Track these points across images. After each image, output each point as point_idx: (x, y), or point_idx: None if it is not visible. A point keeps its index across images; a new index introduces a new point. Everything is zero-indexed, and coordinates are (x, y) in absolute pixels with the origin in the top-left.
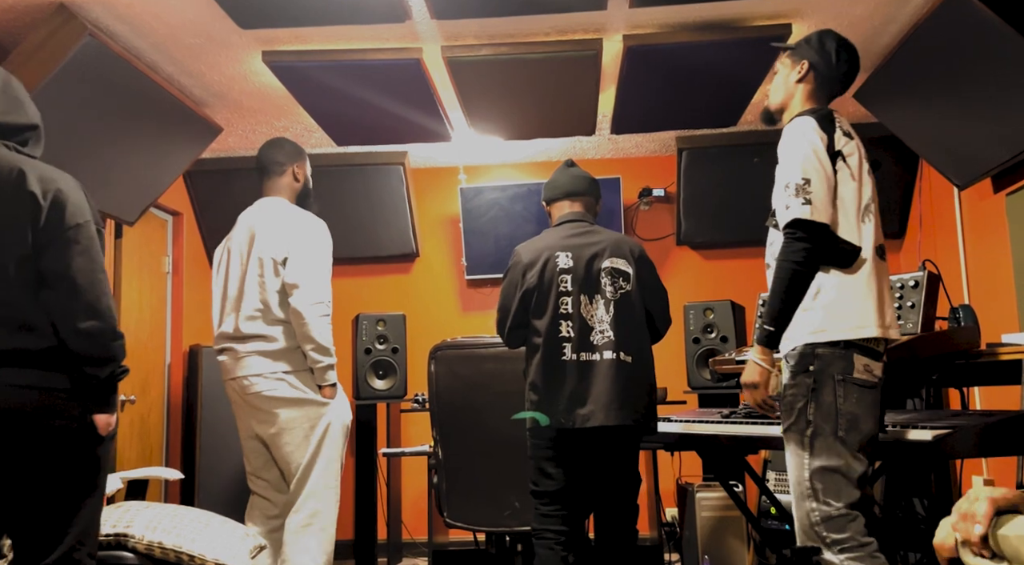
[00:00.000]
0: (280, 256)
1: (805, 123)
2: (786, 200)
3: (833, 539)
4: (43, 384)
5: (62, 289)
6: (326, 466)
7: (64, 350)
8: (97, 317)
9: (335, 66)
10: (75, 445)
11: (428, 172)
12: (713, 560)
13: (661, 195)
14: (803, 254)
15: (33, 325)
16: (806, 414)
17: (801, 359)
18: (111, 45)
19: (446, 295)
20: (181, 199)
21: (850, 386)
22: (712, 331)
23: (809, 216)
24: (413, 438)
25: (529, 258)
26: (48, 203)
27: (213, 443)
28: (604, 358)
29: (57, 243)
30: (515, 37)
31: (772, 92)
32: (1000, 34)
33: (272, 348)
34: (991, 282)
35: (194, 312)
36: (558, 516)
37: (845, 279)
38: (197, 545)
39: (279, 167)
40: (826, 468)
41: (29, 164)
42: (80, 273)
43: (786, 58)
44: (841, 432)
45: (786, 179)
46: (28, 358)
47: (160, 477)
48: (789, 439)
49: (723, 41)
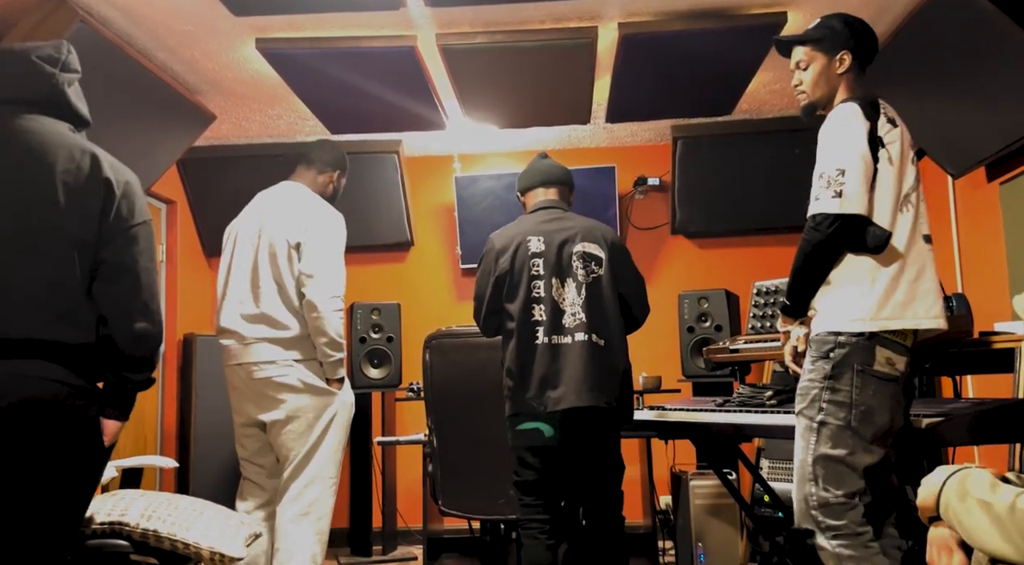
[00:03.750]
0: (294, 240)
1: (849, 109)
2: (816, 191)
3: (828, 525)
4: (67, 380)
5: (124, 284)
6: (328, 456)
7: (98, 349)
8: (150, 319)
9: (329, 53)
10: (83, 452)
11: (423, 160)
12: (706, 548)
13: (656, 184)
14: (820, 244)
15: (75, 316)
16: (819, 400)
17: (823, 345)
18: (103, 31)
19: (441, 284)
20: (175, 187)
21: (868, 378)
22: (706, 320)
23: (837, 210)
24: (408, 427)
25: (501, 244)
26: (120, 193)
27: (207, 432)
28: (576, 340)
29: (124, 237)
30: (510, 25)
31: (812, 87)
32: (995, 23)
33: (282, 335)
34: (984, 271)
35: (188, 301)
36: (539, 505)
37: (877, 269)
38: (192, 533)
39: (322, 165)
40: (830, 456)
41: (100, 151)
42: (144, 272)
43: (811, 50)
44: (854, 423)
45: (821, 168)
46: (61, 353)
47: (155, 465)
48: (799, 421)
49: (718, 29)
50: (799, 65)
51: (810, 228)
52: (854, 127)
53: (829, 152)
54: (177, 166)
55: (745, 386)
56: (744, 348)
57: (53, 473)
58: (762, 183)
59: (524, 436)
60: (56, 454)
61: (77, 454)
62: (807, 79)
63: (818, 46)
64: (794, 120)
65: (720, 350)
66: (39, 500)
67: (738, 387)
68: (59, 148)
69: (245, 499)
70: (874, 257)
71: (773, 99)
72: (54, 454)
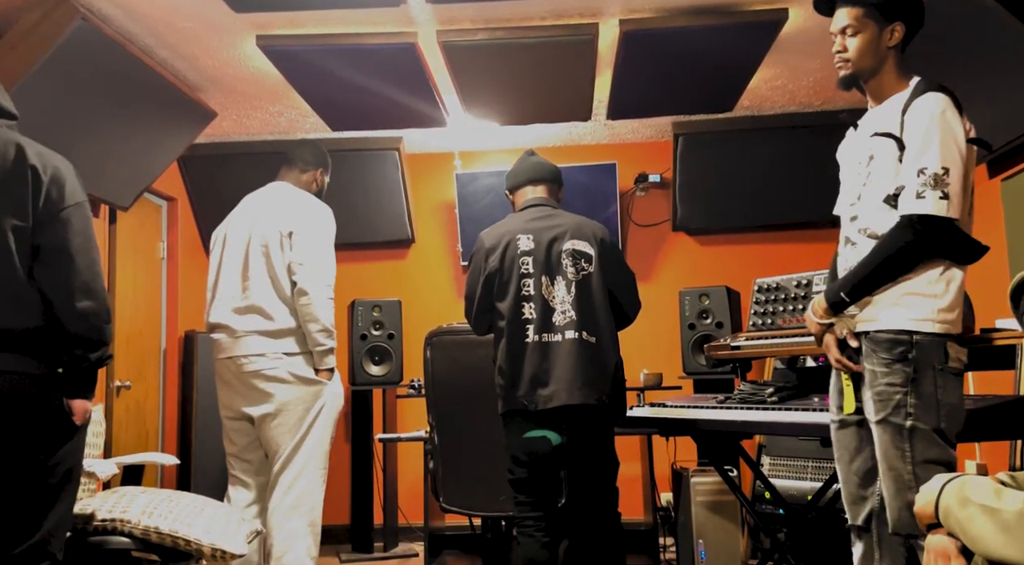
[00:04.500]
0: (286, 229)
1: (943, 101)
2: (919, 188)
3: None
4: (20, 369)
5: (60, 266)
6: (316, 448)
7: (47, 332)
8: (93, 297)
9: (329, 50)
10: (50, 433)
11: (423, 158)
12: (707, 544)
13: (657, 181)
14: (919, 246)
15: (21, 302)
16: (906, 406)
17: (895, 346)
18: (104, 29)
19: (442, 281)
20: (176, 184)
21: (948, 376)
22: (707, 317)
23: (944, 212)
24: (409, 423)
25: (491, 243)
26: (48, 178)
27: (208, 428)
28: (566, 338)
29: (57, 220)
30: (511, 21)
31: (858, 55)
32: (997, 19)
33: (272, 327)
34: (985, 267)
35: (189, 298)
36: (531, 502)
37: (958, 273)
38: (193, 530)
39: (304, 164)
40: (929, 460)
41: (25, 140)
42: (79, 252)
43: (864, 16)
44: (943, 424)
45: (922, 163)
46: (9, 341)
47: (156, 462)
48: (884, 429)
49: (720, 26)
50: (846, 31)
51: (909, 227)
52: (954, 124)
53: (932, 147)
54: (178, 163)
55: (746, 383)
56: (745, 345)
57: (27, 462)
58: (763, 180)
59: (530, 443)
60: (26, 443)
61: (47, 440)
62: (854, 47)
63: (872, 12)
64: (796, 116)
65: (721, 347)
66: (19, 490)
67: (739, 384)
68: None
69: (233, 498)
70: (958, 264)
71: (774, 96)
72: (24, 444)
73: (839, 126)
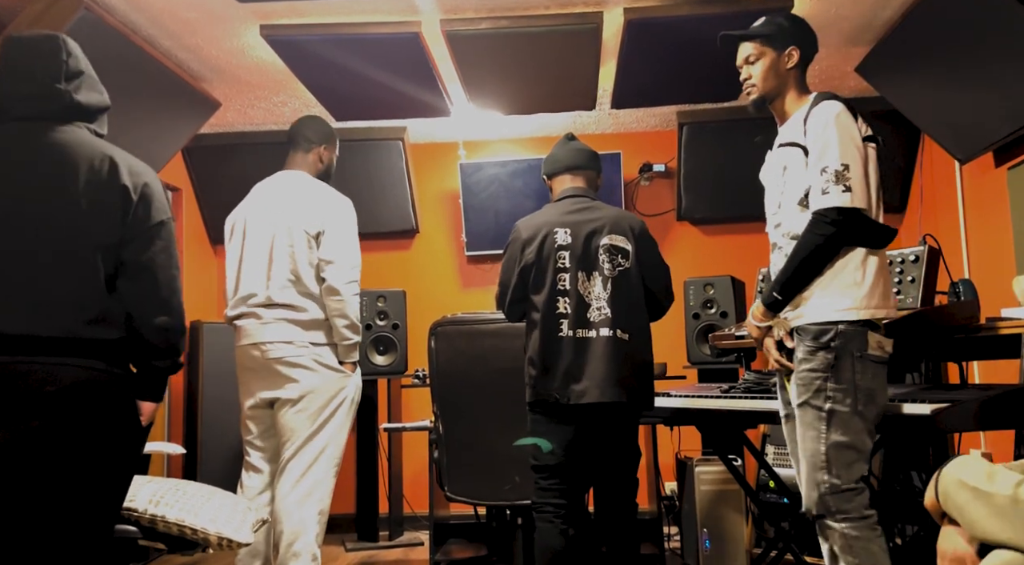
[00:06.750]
0: (313, 230)
1: (837, 106)
2: (823, 185)
3: (840, 508)
4: (107, 369)
5: (142, 282)
6: (333, 437)
7: (130, 342)
8: (170, 313)
9: (333, 40)
10: (124, 435)
11: (427, 147)
12: (712, 533)
13: (661, 170)
14: (832, 237)
15: (108, 316)
16: (825, 390)
17: (821, 336)
18: (107, 18)
19: (446, 271)
20: (180, 175)
21: (867, 362)
22: (712, 306)
23: (848, 204)
24: (414, 413)
25: (528, 234)
26: (138, 197)
27: (214, 418)
28: (600, 335)
29: (142, 237)
30: (515, 10)
31: (761, 80)
32: (1003, 7)
33: (302, 317)
34: (991, 256)
35: (194, 288)
36: (557, 490)
37: (872, 260)
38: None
39: (307, 144)
40: (842, 443)
41: (118, 154)
42: (161, 269)
43: (761, 46)
44: (860, 407)
45: (824, 163)
46: (100, 348)
47: (162, 451)
48: (806, 412)
49: (725, 14)
50: (748, 59)
51: (821, 222)
52: (847, 123)
53: (831, 147)
54: (182, 153)
55: (750, 372)
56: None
57: (100, 452)
58: None
59: (523, 451)
60: (102, 433)
61: (120, 433)
62: (757, 73)
63: (767, 42)
64: None
65: (726, 337)
66: (88, 479)
67: (743, 373)
68: (80, 158)
69: (247, 485)
70: (871, 251)
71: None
72: (101, 434)
73: None
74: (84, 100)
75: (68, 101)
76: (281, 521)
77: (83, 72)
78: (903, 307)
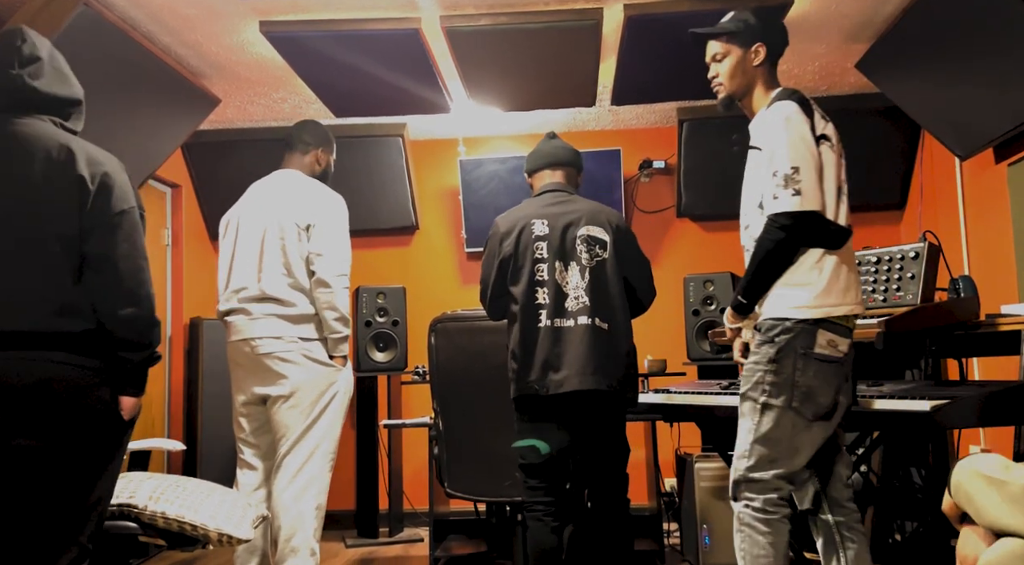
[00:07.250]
0: (304, 223)
1: (787, 107)
2: (774, 190)
3: (748, 498)
4: (77, 363)
5: (105, 274)
6: (327, 432)
7: (100, 333)
8: (136, 304)
9: (333, 36)
10: (102, 428)
11: (427, 144)
12: (711, 529)
13: (661, 167)
14: (783, 242)
15: (73, 308)
16: (763, 383)
17: (769, 330)
18: (107, 15)
19: (446, 268)
20: (180, 171)
21: (810, 360)
22: (712, 303)
23: (798, 207)
24: (414, 410)
25: (506, 227)
26: (95, 187)
27: (214, 414)
28: (578, 324)
29: (102, 228)
30: (515, 6)
31: (728, 78)
32: (1003, 3)
33: (291, 312)
34: (991, 253)
35: (194, 285)
36: (543, 487)
37: (829, 259)
38: (200, 515)
39: (304, 146)
40: (769, 438)
41: (77, 143)
42: (123, 259)
43: (727, 43)
44: (795, 403)
45: (774, 167)
46: (67, 340)
47: (162, 448)
48: (745, 403)
49: (724, 10)
50: (715, 58)
51: (772, 227)
52: (798, 124)
53: (780, 151)
54: (182, 150)
55: None
56: None
57: (70, 446)
58: None
59: (519, 453)
60: (76, 429)
61: (96, 428)
62: (724, 71)
63: (733, 39)
64: None
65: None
66: (58, 474)
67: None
68: (37, 149)
69: (242, 482)
70: (829, 250)
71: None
72: (75, 429)
73: (845, 113)
74: (43, 88)
75: (21, 85)
76: (279, 517)
77: (40, 58)
78: (903, 304)
